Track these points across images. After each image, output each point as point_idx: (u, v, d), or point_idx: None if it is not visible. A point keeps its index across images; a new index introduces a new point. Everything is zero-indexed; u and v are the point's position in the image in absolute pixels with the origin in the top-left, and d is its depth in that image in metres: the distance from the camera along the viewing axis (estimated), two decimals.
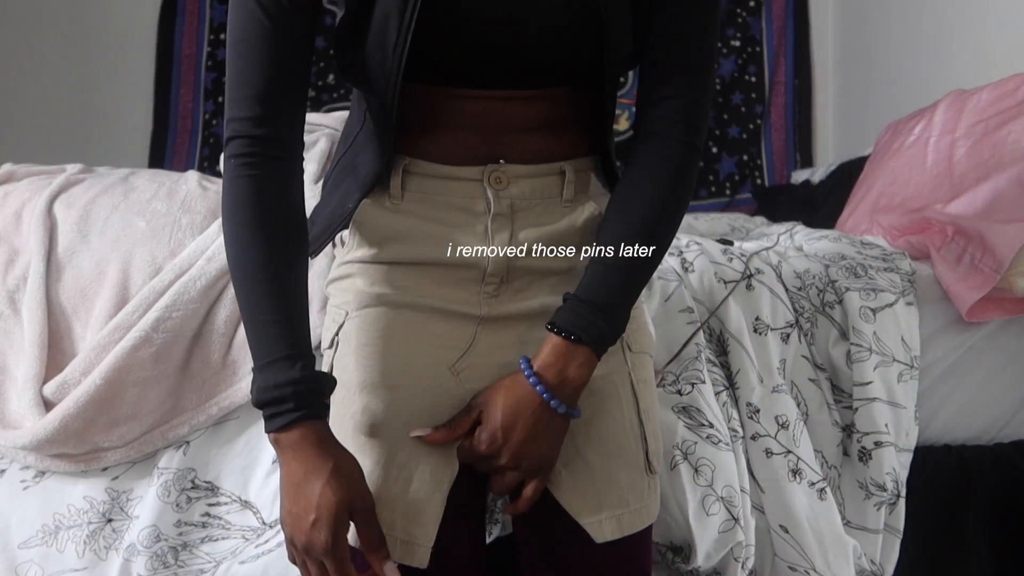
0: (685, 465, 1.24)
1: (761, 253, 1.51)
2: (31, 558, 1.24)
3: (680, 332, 1.32)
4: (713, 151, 3.30)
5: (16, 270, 1.36)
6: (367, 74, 0.92)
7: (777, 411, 1.35)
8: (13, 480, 1.28)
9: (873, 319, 1.44)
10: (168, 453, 1.27)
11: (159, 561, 1.23)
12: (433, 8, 0.89)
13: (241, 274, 0.89)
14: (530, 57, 0.93)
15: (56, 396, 1.25)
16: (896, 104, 2.65)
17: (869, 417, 1.39)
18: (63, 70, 3.10)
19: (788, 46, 3.33)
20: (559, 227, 0.98)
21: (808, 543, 1.30)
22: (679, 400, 1.26)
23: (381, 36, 0.89)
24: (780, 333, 1.40)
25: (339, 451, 0.88)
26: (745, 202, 3.22)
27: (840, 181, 2.41)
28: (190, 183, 1.47)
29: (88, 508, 1.26)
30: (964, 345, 1.56)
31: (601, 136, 1.02)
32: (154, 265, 1.33)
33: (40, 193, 1.44)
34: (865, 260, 1.55)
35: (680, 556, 1.26)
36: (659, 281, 1.40)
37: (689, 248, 1.49)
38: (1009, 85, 1.77)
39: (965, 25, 2.50)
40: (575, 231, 0.98)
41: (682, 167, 0.96)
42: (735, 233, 2.23)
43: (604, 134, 1.02)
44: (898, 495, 1.39)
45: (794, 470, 1.33)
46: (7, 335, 1.33)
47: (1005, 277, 1.52)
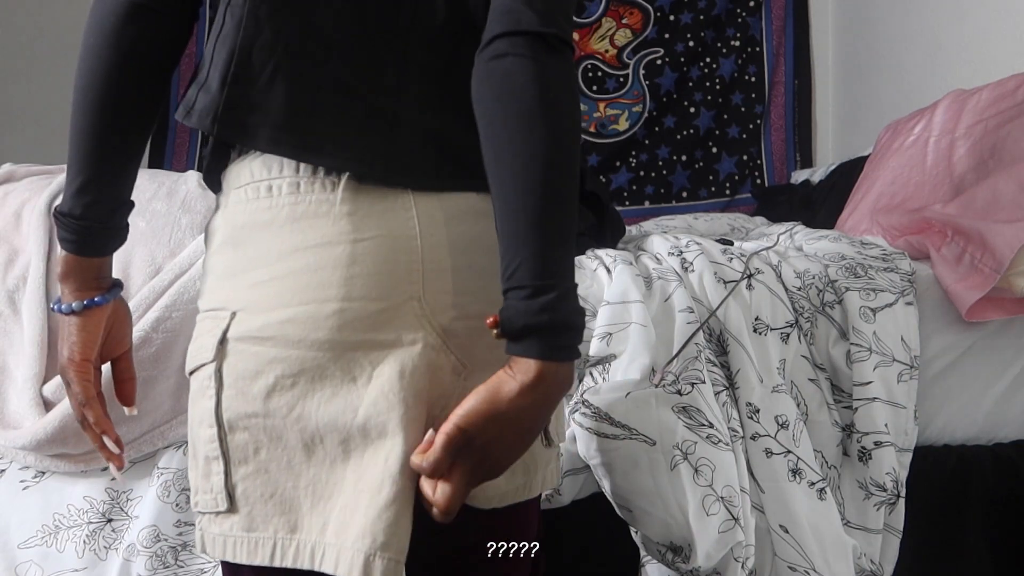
0: (685, 465, 1.24)
1: (761, 253, 1.51)
2: (31, 558, 1.24)
3: (680, 332, 1.32)
4: (713, 151, 3.30)
5: (16, 270, 1.36)
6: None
7: (777, 411, 1.35)
8: (13, 480, 1.28)
9: (873, 319, 1.44)
10: (168, 453, 1.27)
11: (159, 561, 1.23)
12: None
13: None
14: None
15: (56, 396, 1.25)
16: (896, 104, 2.65)
17: (869, 417, 1.39)
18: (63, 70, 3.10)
19: (788, 46, 3.33)
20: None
21: (808, 543, 1.30)
22: (679, 400, 1.26)
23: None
24: (780, 333, 1.40)
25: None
26: (745, 202, 3.22)
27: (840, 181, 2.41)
28: (190, 183, 1.47)
29: (88, 508, 1.26)
30: (964, 345, 1.56)
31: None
32: (154, 265, 1.33)
33: (40, 193, 1.44)
34: (865, 260, 1.55)
35: (680, 556, 1.26)
36: (659, 281, 1.40)
37: (689, 248, 1.49)
38: (1009, 85, 1.77)
39: (965, 25, 2.50)
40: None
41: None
42: (735, 233, 2.23)
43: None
44: (898, 495, 1.39)
45: (794, 470, 1.32)
46: (7, 335, 1.32)
47: (1005, 277, 1.52)
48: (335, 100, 0.83)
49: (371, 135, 0.83)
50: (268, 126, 0.82)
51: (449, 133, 0.85)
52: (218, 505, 0.83)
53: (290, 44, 0.83)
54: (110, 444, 0.95)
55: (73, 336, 0.94)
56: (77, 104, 0.88)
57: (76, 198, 0.89)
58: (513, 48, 0.76)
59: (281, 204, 0.82)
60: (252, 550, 0.82)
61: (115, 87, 0.87)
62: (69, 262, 0.92)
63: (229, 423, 0.82)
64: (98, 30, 0.86)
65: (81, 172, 0.89)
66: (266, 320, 0.80)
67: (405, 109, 0.84)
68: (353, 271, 0.80)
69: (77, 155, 0.89)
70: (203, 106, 0.84)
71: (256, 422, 0.81)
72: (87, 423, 0.95)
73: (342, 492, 0.81)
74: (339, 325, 0.79)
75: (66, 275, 0.93)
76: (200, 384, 0.85)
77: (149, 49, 0.87)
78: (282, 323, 0.80)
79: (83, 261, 0.92)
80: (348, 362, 0.80)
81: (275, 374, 0.80)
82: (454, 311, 0.83)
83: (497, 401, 0.75)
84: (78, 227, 0.90)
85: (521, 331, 0.74)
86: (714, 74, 3.31)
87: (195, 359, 0.86)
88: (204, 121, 0.84)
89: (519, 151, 0.75)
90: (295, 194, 0.82)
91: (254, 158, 0.85)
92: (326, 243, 0.80)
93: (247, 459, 0.82)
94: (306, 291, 0.80)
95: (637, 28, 3.33)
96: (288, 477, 0.81)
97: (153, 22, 0.87)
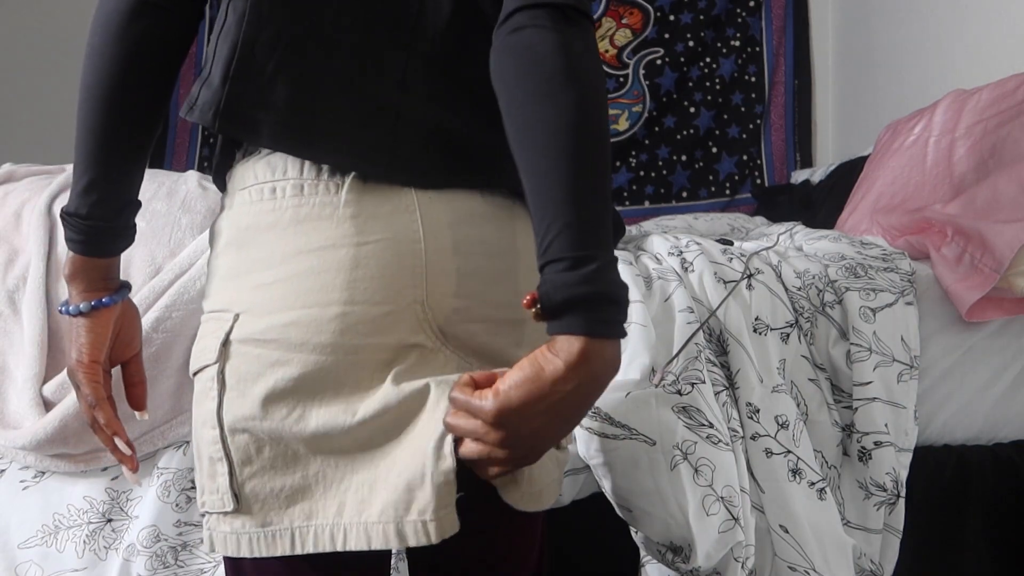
0: (685, 465, 1.24)
1: (761, 253, 1.51)
2: (31, 558, 1.24)
3: (680, 332, 1.32)
4: (713, 151, 3.30)
5: (16, 270, 1.36)
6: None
7: (777, 411, 1.35)
8: (13, 480, 1.28)
9: (873, 319, 1.44)
10: (168, 453, 1.27)
11: (159, 561, 1.23)
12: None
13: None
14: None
15: (56, 396, 1.25)
16: (896, 104, 2.65)
17: (869, 417, 1.39)
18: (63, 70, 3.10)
19: (788, 46, 3.33)
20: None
21: (808, 543, 1.30)
22: (679, 400, 1.26)
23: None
24: (780, 333, 1.40)
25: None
26: (745, 202, 3.22)
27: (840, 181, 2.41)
28: (190, 183, 1.47)
29: (88, 508, 1.26)
30: (964, 345, 1.56)
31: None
32: (154, 265, 1.33)
33: (40, 193, 1.45)
34: (865, 260, 1.55)
35: (680, 556, 1.26)
36: (659, 281, 1.40)
37: (689, 248, 1.49)
38: (1009, 85, 1.77)
39: (965, 25, 2.50)
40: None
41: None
42: (735, 233, 2.23)
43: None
44: (898, 495, 1.39)
45: (794, 470, 1.32)
46: (7, 335, 1.32)
47: (1005, 277, 1.52)
48: (338, 95, 0.83)
49: (375, 130, 0.83)
50: (271, 121, 0.82)
51: (455, 128, 0.84)
52: (225, 505, 0.83)
53: (293, 38, 0.83)
54: (122, 446, 0.94)
55: (82, 338, 0.93)
56: (83, 102, 0.87)
57: (82, 197, 0.89)
58: (533, 20, 0.75)
59: (285, 206, 0.82)
60: (271, 543, 0.82)
61: (121, 85, 0.86)
62: (76, 263, 0.92)
63: (230, 425, 0.82)
64: (104, 28, 0.86)
65: (87, 171, 0.88)
66: (269, 323, 0.80)
67: (410, 104, 0.84)
68: (356, 275, 0.79)
69: (83, 154, 0.88)
70: (205, 101, 0.84)
71: (255, 424, 0.81)
72: (98, 425, 0.94)
73: (355, 472, 0.80)
74: (342, 329, 0.79)
75: (73, 276, 0.92)
76: (203, 385, 0.84)
77: (155, 46, 0.87)
78: (285, 326, 0.79)
79: (90, 262, 0.92)
80: (350, 366, 0.79)
81: (276, 377, 0.80)
82: (457, 315, 0.82)
83: (540, 380, 0.70)
84: (84, 227, 0.89)
85: (562, 305, 0.70)
86: (714, 74, 3.31)
87: (199, 360, 0.86)
88: (206, 116, 0.83)
89: (547, 122, 0.73)
90: (299, 196, 0.82)
91: (258, 159, 0.84)
92: (329, 246, 0.80)
93: (251, 459, 0.82)
94: (309, 294, 0.79)
95: (637, 28, 3.33)
96: (296, 469, 0.81)
97: (159, 19, 0.86)
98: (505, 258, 0.86)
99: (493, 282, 0.83)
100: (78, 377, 0.93)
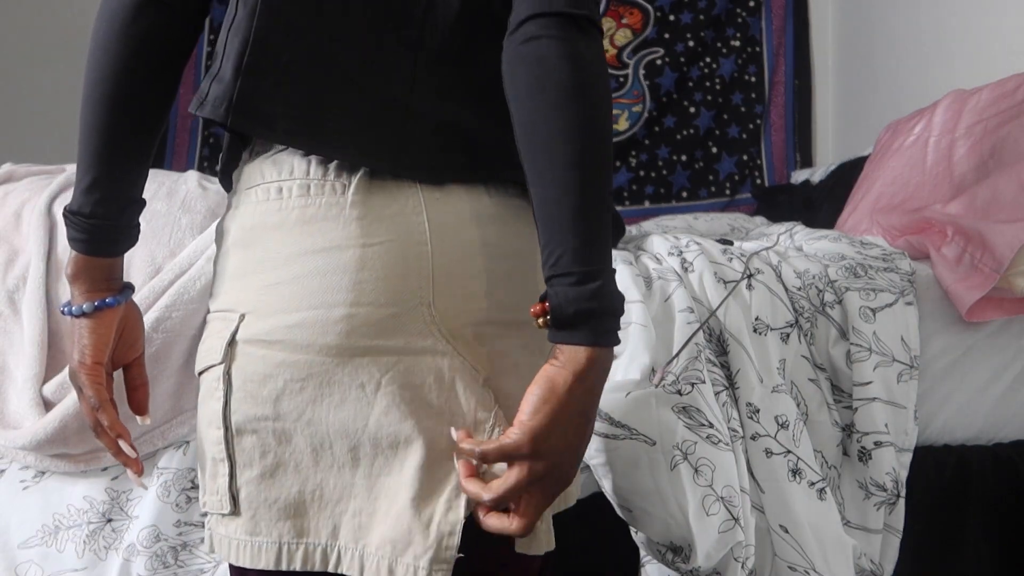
0: (685, 465, 1.24)
1: (761, 253, 1.51)
2: (31, 558, 1.24)
3: (680, 332, 1.32)
4: (713, 151, 3.30)
5: (16, 270, 1.36)
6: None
7: (777, 411, 1.35)
8: (13, 480, 1.28)
9: (873, 319, 1.44)
10: (168, 453, 1.27)
11: (159, 561, 1.23)
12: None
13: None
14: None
15: (56, 396, 1.25)
16: (896, 104, 2.65)
17: (869, 417, 1.39)
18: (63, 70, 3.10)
19: (788, 46, 3.34)
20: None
21: (808, 543, 1.30)
22: (679, 400, 1.26)
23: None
24: (780, 333, 1.40)
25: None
26: (745, 202, 3.23)
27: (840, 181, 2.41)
28: (190, 183, 1.47)
29: (88, 508, 1.26)
30: (964, 345, 1.56)
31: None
32: (154, 265, 1.33)
33: (40, 193, 1.44)
34: (865, 260, 1.55)
35: (680, 556, 1.26)
36: (659, 281, 1.40)
37: (689, 248, 1.49)
38: (1009, 85, 1.78)
39: (965, 25, 2.50)
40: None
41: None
42: (735, 233, 2.23)
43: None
44: (898, 495, 1.39)
45: (794, 470, 1.33)
46: (7, 335, 1.32)
47: (1005, 277, 1.52)
48: (348, 90, 0.82)
49: (384, 127, 0.82)
50: (282, 116, 0.81)
51: (464, 124, 0.84)
52: (223, 507, 0.83)
53: (305, 33, 0.82)
54: (126, 448, 0.93)
55: (84, 339, 0.91)
56: (86, 100, 0.87)
57: (85, 195, 0.88)
58: (545, 30, 0.76)
59: (291, 206, 0.81)
60: (256, 554, 0.82)
61: (125, 82, 0.86)
62: (79, 263, 0.91)
63: (237, 426, 0.82)
64: (108, 24, 0.86)
65: (91, 169, 0.87)
66: (274, 323, 0.80)
67: (419, 100, 0.83)
68: (362, 276, 0.79)
69: (87, 152, 0.87)
70: (216, 96, 0.83)
71: (266, 425, 0.81)
72: (101, 428, 0.92)
73: (352, 497, 0.80)
74: (347, 330, 0.79)
75: (76, 276, 0.91)
76: (209, 385, 0.84)
77: (160, 43, 0.86)
78: (290, 327, 0.79)
79: (93, 261, 0.91)
80: (356, 368, 0.79)
81: (284, 378, 0.80)
82: (464, 317, 0.82)
83: (556, 394, 0.74)
84: (87, 225, 0.88)
85: (573, 318, 0.74)
86: (714, 74, 3.31)
87: (204, 360, 0.85)
88: (218, 110, 0.82)
89: (558, 134, 0.75)
90: (305, 196, 0.81)
91: (265, 158, 0.84)
92: (335, 247, 0.80)
93: (252, 463, 0.82)
94: (315, 295, 0.79)
95: (637, 28, 3.33)
96: (294, 481, 0.81)
97: (164, 15, 0.86)
98: (512, 260, 0.86)
99: (500, 284, 0.83)
100: (80, 379, 0.92)
